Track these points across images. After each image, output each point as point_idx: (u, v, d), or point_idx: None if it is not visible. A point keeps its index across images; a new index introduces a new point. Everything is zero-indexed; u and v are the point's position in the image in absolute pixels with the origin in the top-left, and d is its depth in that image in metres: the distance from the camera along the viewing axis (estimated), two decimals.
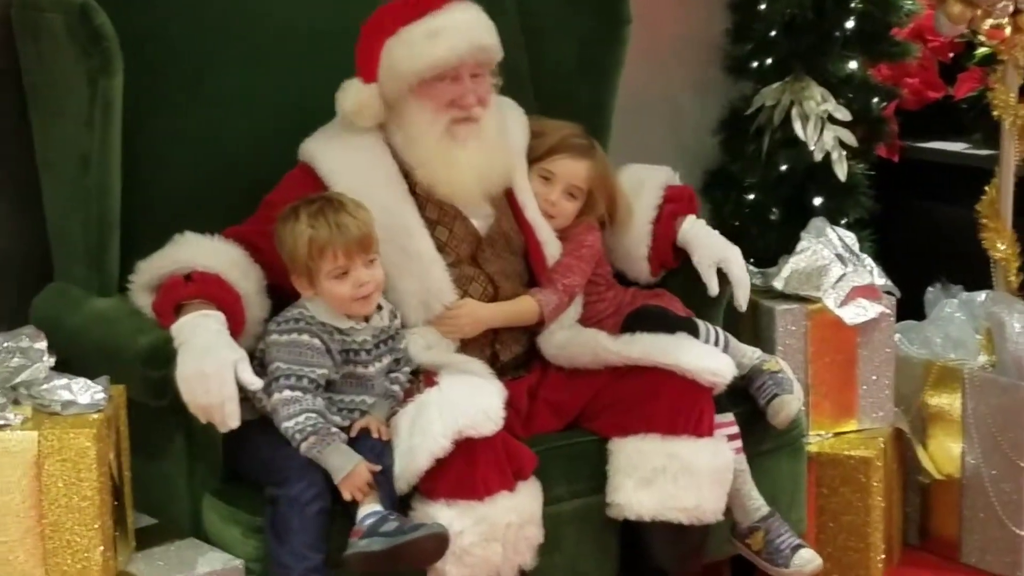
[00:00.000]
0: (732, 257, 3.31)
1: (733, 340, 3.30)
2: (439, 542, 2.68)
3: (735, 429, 3.14)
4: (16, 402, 2.59)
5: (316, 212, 2.79)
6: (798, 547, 3.17)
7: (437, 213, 3.07)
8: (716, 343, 3.24)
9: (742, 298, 3.32)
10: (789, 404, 3.22)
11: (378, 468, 2.71)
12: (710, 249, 3.34)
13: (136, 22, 3.00)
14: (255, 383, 2.70)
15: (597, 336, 3.10)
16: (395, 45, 3.02)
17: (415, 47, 3.00)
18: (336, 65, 3.18)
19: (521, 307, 3.12)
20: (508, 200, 3.20)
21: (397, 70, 3.02)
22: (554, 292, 3.14)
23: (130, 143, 2.97)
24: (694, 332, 3.19)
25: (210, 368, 2.65)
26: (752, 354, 3.31)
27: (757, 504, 3.18)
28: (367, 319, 2.88)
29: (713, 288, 3.32)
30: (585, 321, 3.20)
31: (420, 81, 3.02)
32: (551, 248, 3.19)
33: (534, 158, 3.24)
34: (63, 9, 2.89)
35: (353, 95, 3.06)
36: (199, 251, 2.88)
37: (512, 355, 3.12)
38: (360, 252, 2.80)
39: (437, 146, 3.04)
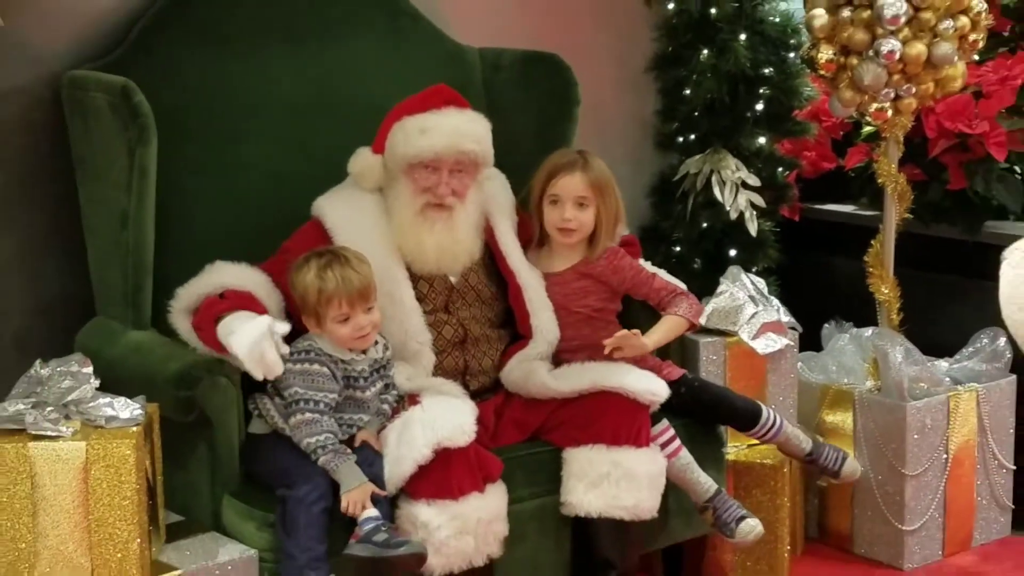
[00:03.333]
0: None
1: (787, 423, 3.31)
2: (418, 558, 2.68)
3: (671, 432, 3.13)
4: (67, 417, 2.57)
5: (325, 265, 2.79)
6: (742, 518, 3.15)
7: (420, 270, 3.07)
8: (772, 420, 3.26)
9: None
10: (857, 468, 3.35)
11: (383, 493, 2.72)
12: None
13: (168, 100, 3.00)
14: (285, 328, 2.69)
15: (544, 377, 3.08)
16: (398, 130, 3.03)
17: (408, 136, 3.01)
18: (335, 136, 3.21)
19: (674, 326, 3.17)
20: (492, 253, 3.19)
21: (393, 151, 3.03)
22: (681, 298, 3.18)
23: (162, 202, 2.96)
24: (758, 414, 3.24)
25: (256, 333, 2.64)
26: (806, 436, 3.34)
27: (706, 487, 3.17)
28: (365, 352, 2.87)
29: None
30: (591, 348, 3.13)
31: (408, 165, 3.02)
32: (531, 292, 3.17)
33: (539, 190, 3.19)
34: (107, 89, 2.89)
35: (361, 161, 3.08)
36: (230, 274, 2.87)
37: (479, 385, 3.11)
38: (360, 301, 2.79)
39: (409, 222, 3.04)
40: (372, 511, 2.68)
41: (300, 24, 3.32)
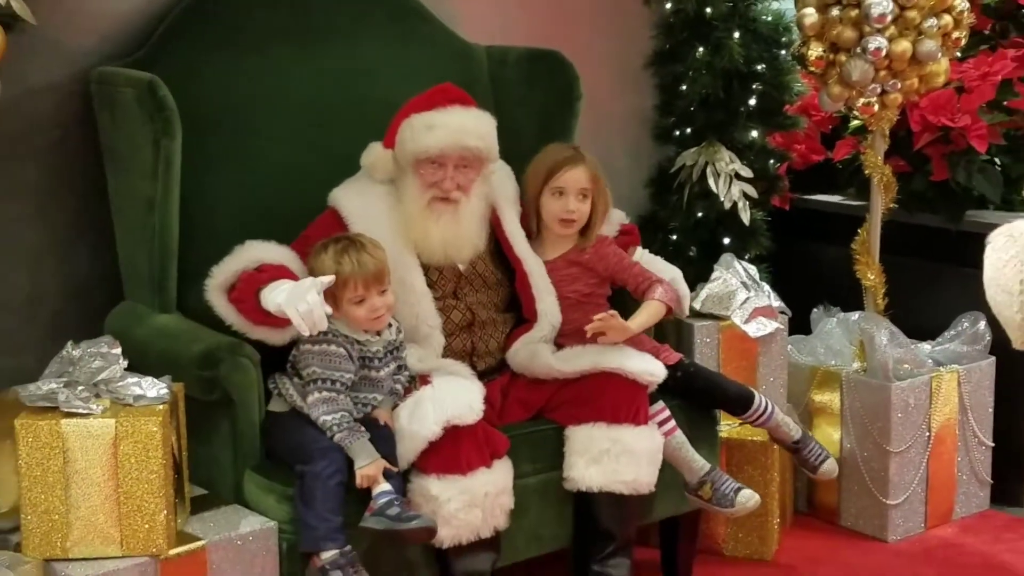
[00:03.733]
0: (677, 277, 3.32)
1: (779, 410, 3.32)
2: (428, 531, 2.71)
3: (667, 413, 3.14)
4: (98, 396, 2.59)
5: (341, 250, 2.81)
6: (739, 489, 3.16)
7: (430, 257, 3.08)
8: (764, 407, 3.27)
9: (686, 308, 3.33)
10: (834, 469, 3.32)
11: (395, 469, 2.74)
12: (661, 272, 3.32)
13: (191, 95, 3.01)
14: (328, 280, 2.70)
15: (549, 359, 3.10)
16: (406, 127, 3.03)
17: (415, 132, 3.01)
18: (348, 130, 3.22)
19: (653, 311, 3.15)
20: (498, 241, 3.20)
21: (402, 147, 3.04)
22: (657, 286, 3.17)
23: (186, 191, 2.98)
24: (750, 400, 3.25)
25: (302, 290, 2.66)
26: (796, 425, 3.33)
27: (700, 464, 3.18)
28: (379, 333, 2.89)
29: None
30: (583, 332, 3.12)
31: (415, 160, 3.02)
32: (537, 278, 3.18)
33: (541, 182, 3.21)
34: (133, 85, 2.90)
35: (373, 154, 3.09)
36: (263, 251, 2.88)
37: (486, 366, 3.13)
38: (375, 284, 2.81)
39: (417, 215, 3.04)
40: (386, 486, 2.71)
41: (314, 24, 3.33)
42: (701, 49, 3.94)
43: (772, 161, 4.05)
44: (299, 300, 2.65)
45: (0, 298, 3.04)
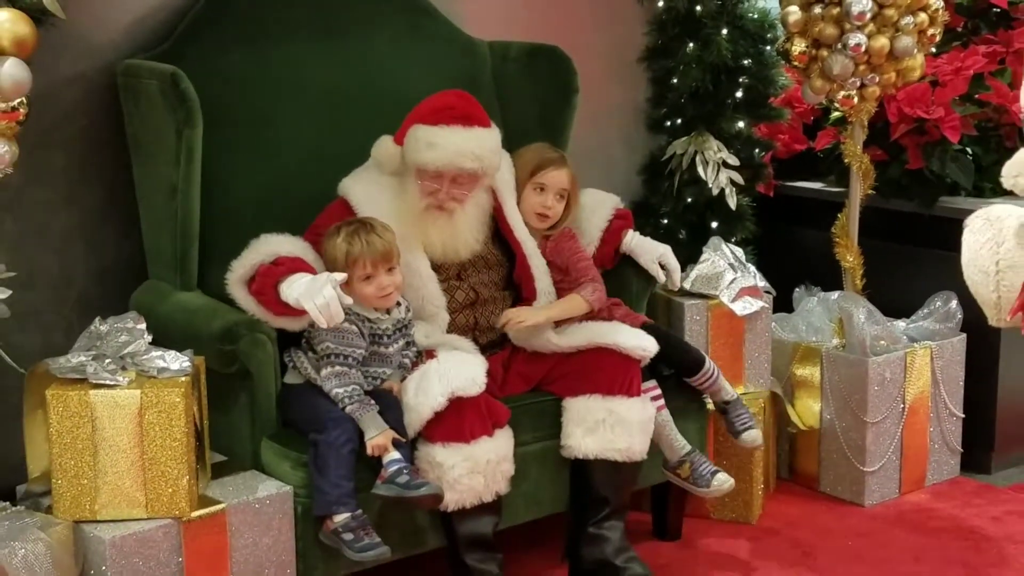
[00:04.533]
0: (667, 252, 3.34)
1: (722, 376, 3.27)
2: (435, 498, 2.71)
3: (658, 391, 3.15)
4: (124, 368, 2.58)
5: (353, 232, 2.80)
6: (715, 472, 3.17)
7: None
8: (713, 373, 3.23)
9: (677, 280, 3.36)
10: (758, 437, 3.26)
11: (403, 438, 2.73)
12: (652, 250, 3.35)
13: (212, 87, 2.99)
14: (342, 277, 2.68)
15: (549, 334, 3.08)
16: (411, 136, 2.98)
17: (418, 146, 2.97)
18: (360, 120, 3.20)
19: (571, 304, 3.10)
20: (498, 225, 3.18)
21: (407, 153, 2.99)
22: (590, 284, 3.12)
23: (207, 178, 2.96)
24: (701, 363, 3.21)
25: (319, 286, 2.65)
26: (732, 389, 3.29)
27: (681, 444, 3.19)
28: (389, 312, 2.87)
29: (660, 277, 3.34)
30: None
31: (417, 169, 2.99)
32: (535, 259, 3.17)
33: (527, 176, 3.20)
34: (157, 77, 2.88)
35: (383, 148, 3.05)
36: (278, 244, 2.85)
37: (488, 340, 3.10)
38: (383, 263, 2.80)
39: (416, 216, 3.01)
40: (395, 454, 2.70)
41: (330, 20, 3.31)
42: (691, 45, 3.92)
43: (757, 150, 4.03)
44: (316, 295, 2.64)
45: (32, 278, 3.03)
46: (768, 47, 3.93)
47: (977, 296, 2.17)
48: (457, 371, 2.82)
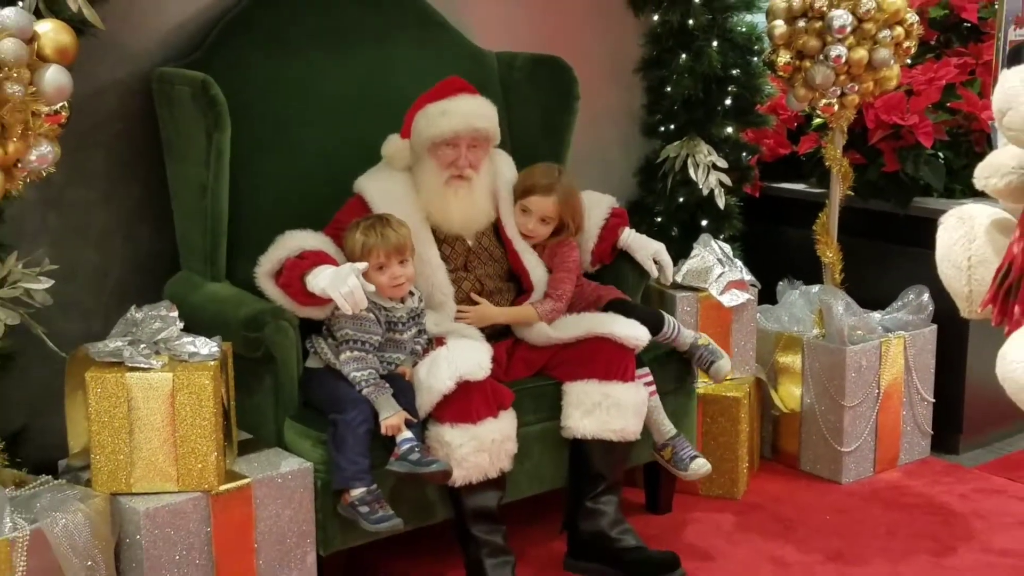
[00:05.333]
0: (661, 249, 3.35)
1: (683, 327, 3.27)
2: (444, 474, 2.72)
3: (650, 377, 3.15)
4: (157, 353, 2.59)
5: (369, 226, 2.82)
6: (695, 457, 3.19)
7: (444, 235, 3.07)
8: (674, 328, 3.22)
9: (670, 275, 3.37)
10: (724, 366, 3.24)
11: (415, 419, 2.74)
12: (646, 247, 3.34)
13: (239, 93, 3.00)
14: (363, 267, 2.71)
15: (545, 329, 3.08)
16: (421, 116, 3.02)
17: (430, 119, 3.00)
18: (374, 125, 3.19)
19: (522, 313, 3.09)
20: (497, 223, 3.18)
21: (419, 134, 3.02)
22: (551, 301, 3.11)
23: (234, 177, 2.96)
24: (662, 322, 3.19)
25: (343, 276, 2.67)
26: (692, 335, 3.27)
27: (667, 428, 3.20)
28: (403, 301, 2.88)
29: (654, 272, 3.34)
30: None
31: (432, 144, 3.01)
32: (528, 257, 3.17)
33: (518, 194, 3.20)
34: (189, 83, 2.89)
35: (392, 145, 3.07)
36: (302, 239, 2.87)
37: (493, 329, 3.10)
38: (396, 254, 2.81)
39: (437, 193, 3.03)
40: (408, 434, 2.71)
41: (348, 31, 3.31)
42: (684, 56, 3.91)
43: (744, 154, 4.02)
44: (341, 284, 2.66)
45: (73, 270, 3.03)
46: (755, 58, 3.92)
47: (950, 289, 2.16)
48: (465, 357, 2.82)
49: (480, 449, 2.79)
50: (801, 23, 3.49)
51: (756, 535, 3.32)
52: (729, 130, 3.95)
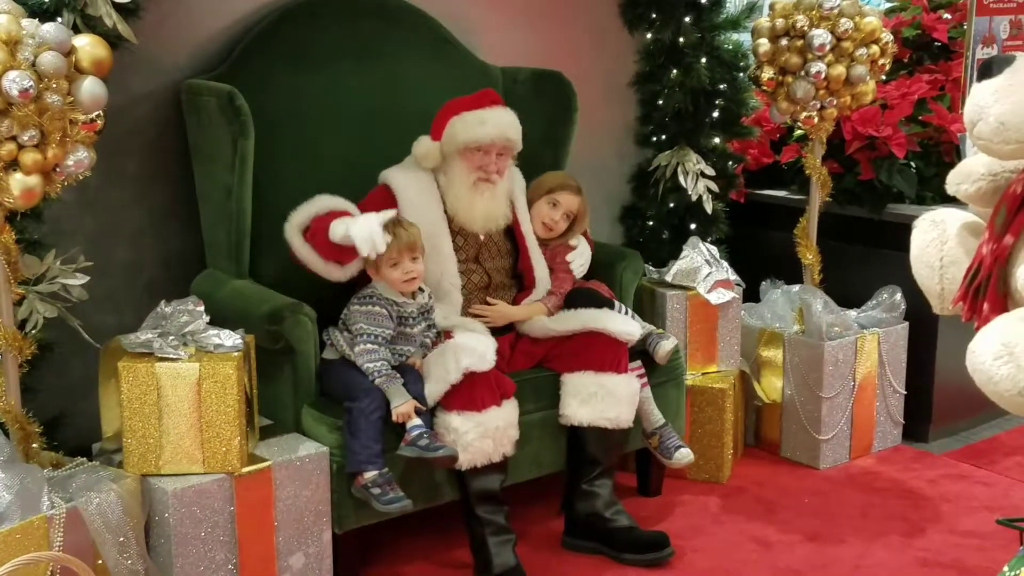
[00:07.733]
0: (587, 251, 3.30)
1: (634, 313, 3.28)
2: (451, 459, 2.71)
3: (643, 370, 3.15)
4: (185, 344, 2.58)
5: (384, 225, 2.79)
6: (680, 447, 3.19)
7: (458, 227, 3.06)
8: (625, 313, 3.23)
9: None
10: (665, 345, 3.22)
11: (424, 407, 2.73)
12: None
13: (264, 103, 2.99)
14: (391, 214, 2.71)
15: (545, 322, 3.08)
16: (458, 121, 3.01)
17: (468, 126, 2.99)
18: (389, 134, 3.18)
19: (535, 310, 3.11)
20: (512, 226, 3.16)
21: (455, 137, 3.00)
22: (555, 298, 3.13)
23: (258, 181, 2.95)
24: (611, 306, 3.18)
25: (369, 217, 2.67)
26: (644, 324, 3.28)
27: (656, 418, 3.20)
28: (414, 297, 2.86)
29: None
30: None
31: (465, 148, 3.00)
32: (536, 257, 3.18)
33: (545, 191, 3.21)
34: (216, 94, 2.88)
35: (424, 145, 3.05)
36: (331, 201, 2.86)
37: (496, 325, 3.08)
38: (407, 252, 2.79)
39: (465, 193, 3.02)
40: (417, 421, 2.69)
41: (366, 47, 3.29)
42: (675, 71, 3.90)
43: (731, 162, 4.02)
44: (363, 227, 2.65)
45: (108, 267, 3.02)
46: (741, 74, 3.91)
47: (923, 288, 2.14)
48: (471, 350, 2.81)
49: (485, 435, 2.78)
50: (784, 41, 3.48)
51: (740, 516, 3.30)
52: (716, 140, 3.95)
